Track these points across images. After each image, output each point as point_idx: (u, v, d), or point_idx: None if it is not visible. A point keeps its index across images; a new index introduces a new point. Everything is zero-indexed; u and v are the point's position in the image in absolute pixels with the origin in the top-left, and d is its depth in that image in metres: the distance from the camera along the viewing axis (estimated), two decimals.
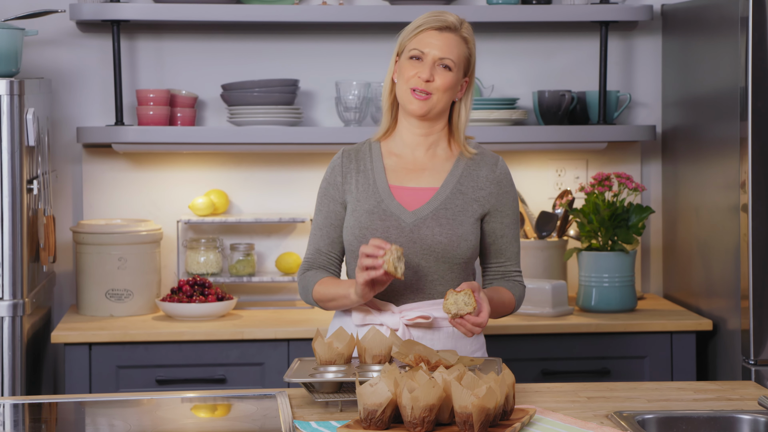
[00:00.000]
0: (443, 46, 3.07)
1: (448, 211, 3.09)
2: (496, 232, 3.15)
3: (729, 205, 3.93)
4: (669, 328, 4.06)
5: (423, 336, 3.10)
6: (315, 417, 2.72)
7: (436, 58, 3.06)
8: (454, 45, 3.08)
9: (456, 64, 3.07)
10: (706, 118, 4.14)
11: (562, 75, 4.53)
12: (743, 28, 3.79)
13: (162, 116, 4.28)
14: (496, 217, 3.14)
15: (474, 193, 3.12)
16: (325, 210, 3.16)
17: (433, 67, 3.06)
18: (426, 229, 3.07)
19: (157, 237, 4.25)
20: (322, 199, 3.18)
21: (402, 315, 3.08)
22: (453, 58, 3.07)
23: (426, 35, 3.08)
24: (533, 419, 2.68)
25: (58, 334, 3.91)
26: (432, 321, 3.09)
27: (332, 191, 3.16)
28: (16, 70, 3.90)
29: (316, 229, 3.18)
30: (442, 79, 3.06)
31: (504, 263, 3.18)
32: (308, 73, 4.47)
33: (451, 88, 3.08)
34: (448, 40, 3.07)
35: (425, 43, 3.07)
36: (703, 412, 2.75)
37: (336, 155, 3.19)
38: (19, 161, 3.76)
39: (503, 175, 3.16)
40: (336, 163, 3.18)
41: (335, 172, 3.17)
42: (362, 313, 3.11)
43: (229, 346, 3.96)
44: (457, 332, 3.12)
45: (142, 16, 4.22)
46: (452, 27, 3.08)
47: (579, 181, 4.53)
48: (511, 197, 3.16)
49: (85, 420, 2.84)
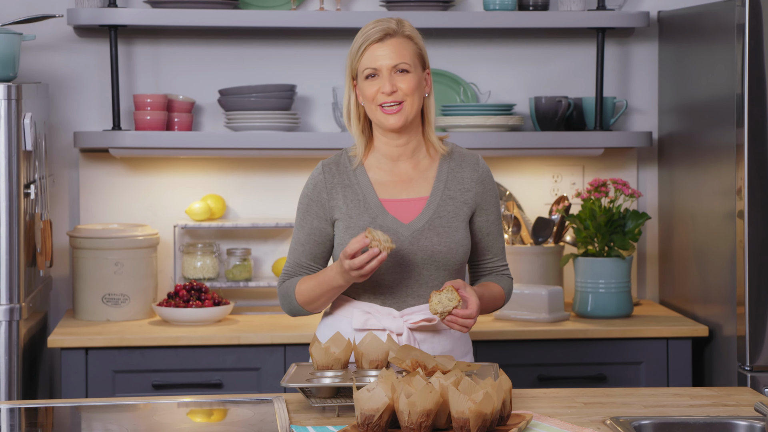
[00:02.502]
0: (392, 53, 3.05)
1: (442, 219, 3.10)
2: (482, 230, 3.17)
3: (725, 211, 3.94)
4: (665, 334, 4.07)
5: (425, 339, 3.11)
6: (312, 422, 2.72)
7: (390, 67, 3.04)
8: (401, 47, 3.06)
9: (411, 64, 3.06)
10: (702, 125, 4.15)
11: (559, 81, 4.54)
12: (740, 35, 3.80)
13: (159, 121, 4.28)
14: (481, 215, 3.16)
15: (462, 196, 3.13)
16: (308, 226, 3.14)
17: (391, 77, 3.05)
18: (424, 240, 3.08)
19: (153, 242, 4.25)
20: (305, 215, 3.14)
21: (405, 319, 3.09)
22: (406, 60, 3.05)
23: (371, 50, 3.06)
24: (530, 425, 2.68)
25: (55, 339, 3.91)
26: (435, 324, 3.10)
27: (316, 208, 3.13)
28: (14, 75, 3.90)
29: (298, 244, 3.15)
30: (406, 83, 3.05)
31: (491, 259, 3.20)
32: (305, 78, 4.47)
33: (418, 87, 3.07)
34: (393, 45, 3.06)
35: (373, 58, 3.05)
36: (699, 418, 2.75)
37: (315, 170, 3.15)
38: (17, 166, 3.76)
39: (485, 173, 3.17)
40: (318, 179, 3.14)
41: (318, 188, 3.13)
42: (364, 318, 3.11)
43: (225, 351, 3.96)
44: (454, 334, 3.13)
45: (140, 21, 4.22)
46: (392, 32, 3.06)
47: (575, 187, 4.54)
48: (493, 194, 3.18)
49: (81, 425, 2.84)
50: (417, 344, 3.10)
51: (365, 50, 3.06)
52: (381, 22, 3.08)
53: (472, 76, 4.52)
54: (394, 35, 3.07)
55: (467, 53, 4.51)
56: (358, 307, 3.12)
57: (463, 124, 4.31)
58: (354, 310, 3.13)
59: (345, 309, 3.15)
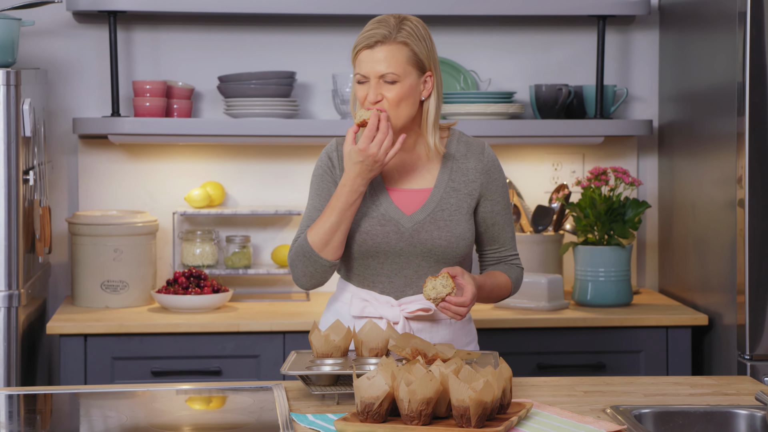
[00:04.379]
0: (379, 62, 3.00)
1: (444, 212, 3.08)
2: (488, 220, 3.15)
3: (725, 200, 3.93)
4: (664, 322, 4.06)
5: (422, 329, 3.10)
6: (312, 410, 2.72)
7: (377, 76, 3.01)
8: (390, 56, 3.01)
9: (400, 74, 3.01)
10: (703, 113, 4.14)
11: (560, 69, 4.53)
12: (741, 23, 3.79)
13: (158, 108, 4.27)
14: (486, 205, 3.14)
15: (466, 188, 3.11)
16: (326, 193, 3.12)
17: (378, 86, 3.01)
18: (425, 233, 3.07)
19: (152, 228, 4.24)
20: (321, 183, 3.13)
21: (402, 308, 3.08)
22: (394, 71, 3.00)
23: (362, 57, 3.03)
24: (530, 413, 2.68)
25: (54, 325, 3.90)
26: (433, 313, 3.09)
27: (331, 176, 3.12)
28: (13, 61, 3.89)
29: (313, 210, 3.11)
30: (391, 93, 3.01)
31: (498, 249, 3.18)
32: (305, 65, 4.46)
33: (404, 98, 3.02)
34: (383, 54, 3.00)
35: (363, 65, 3.03)
36: (699, 406, 2.75)
37: (329, 145, 3.15)
38: (15, 152, 3.75)
39: (491, 162, 3.15)
40: (332, 154, 3.14)
41: (331, 161, 3.13)
42: (361, 305, 3.10)
43: (224, 338, 3.96)
44: (454, 324, 3.13)
45: (139, 6, 4.21)
46: (383, 39, 3.01)
47: (575, 175, 4.53)
48: (500, 183, 3.15)
49: (80, 411, 2.83)
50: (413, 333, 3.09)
51: (358, 54, 3.04)
52: (378, 24, 3.03)
53: (473, 63, 4.51)
54: (386, 42, 3.01)
55: (467, 40, 4.50)
56: (357, 295, 3.12)
57: (464, 111, 4.30)
58: (353, 298, 3.12)
59: (345, 296, 3.15)
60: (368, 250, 3.07)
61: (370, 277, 3.11)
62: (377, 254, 3.07)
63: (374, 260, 3.08)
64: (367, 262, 3.09)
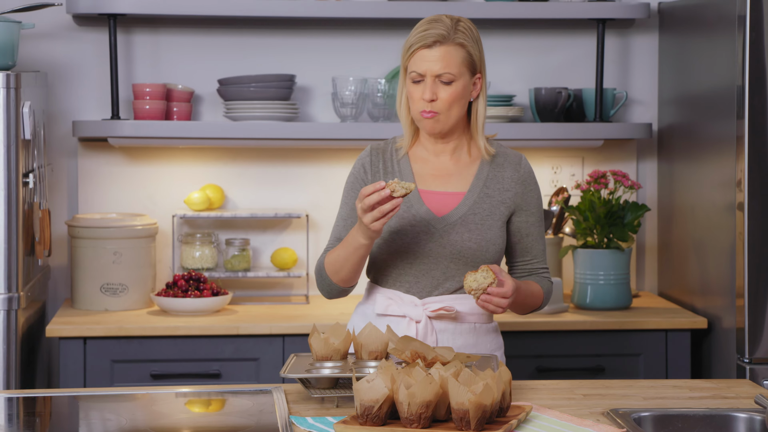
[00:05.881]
0: (437, 62, 3.02)
1: (476, 216, 3.09)
2: (522, 231, 3.15)
3: (725, 203, 3.93)
4: (664, 326, 4.06)
5: (445, 329, 3.10)
6: (311, 412, 2.72)
7: (433, 75, 3.03)
8: (448, 56, 3.03)
9: (456, 74, 3.03)
10: (702, 117, 4.14)
11: (559, 72, 4.53)
12: (740, 27, 3.79)
13: (158, 111, 4.28)
14: (521, 216, 3.14)
15: (500, 195, 3.12)
16: (351, 203, 3.15)
17: (434, 85, 3.03)
18: (455, 234, 3.07)
19: (152, 231, 4.24)
20: (349, 192, 3.17)
21: (425, 306, 3.09)
22: (451, 71, 3.03)
23: (419, 56, 3.04)
24: (529, 416, 2.68)
25: (53, 328, 3.90)
26: (455, 314, 3.09)
27: (359, 186, 3.15)
28: (13, 64, 3.89)
29: (340, 219, 3.17)
30: (445, 94, 3.03)
31: (530, 261, 3.18)
32: (305, 68, 4.46)
33: (458, 99, 3.05)
34: (440, 54, 3.03)
35: (419, 63, 3.04)
36: (699, 410, 2.75)
37: (364, 152, 3.18)
38: (15, 155, 3.75)
39: (527, 173, 3.16)
40: (365, 160, 3.16)
41: (364, 168, 3.16)
42: (386, 303, 3.11)
43: (224, 341, 3.96)
44: (479, 328, 3.13)
45: (139, 10, 4.21)
46: (442, 39, 3.03)
47: (575, 178, 4.53)
48: (535, 195, 3.16)
49: (80, 414, 2.83)
50: (435, 333, 3.09)
51: (414, 53, 3.05)
52: (434, 24, 3.04)
53: None
54: (443, 42, 3.03)
55: None
56: (382, 294, 3.14)
57: None
58: (378, 296, 3.14)
59: (372, 296, 3.18)
60: (398, 249, 3.08)
61: (398, 277, 3.12)
62: (407, 254, 3.08)
63: (403, 260, 3.09)
64: (396, 261, 3.10)
